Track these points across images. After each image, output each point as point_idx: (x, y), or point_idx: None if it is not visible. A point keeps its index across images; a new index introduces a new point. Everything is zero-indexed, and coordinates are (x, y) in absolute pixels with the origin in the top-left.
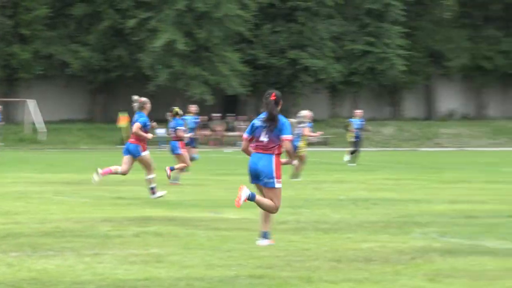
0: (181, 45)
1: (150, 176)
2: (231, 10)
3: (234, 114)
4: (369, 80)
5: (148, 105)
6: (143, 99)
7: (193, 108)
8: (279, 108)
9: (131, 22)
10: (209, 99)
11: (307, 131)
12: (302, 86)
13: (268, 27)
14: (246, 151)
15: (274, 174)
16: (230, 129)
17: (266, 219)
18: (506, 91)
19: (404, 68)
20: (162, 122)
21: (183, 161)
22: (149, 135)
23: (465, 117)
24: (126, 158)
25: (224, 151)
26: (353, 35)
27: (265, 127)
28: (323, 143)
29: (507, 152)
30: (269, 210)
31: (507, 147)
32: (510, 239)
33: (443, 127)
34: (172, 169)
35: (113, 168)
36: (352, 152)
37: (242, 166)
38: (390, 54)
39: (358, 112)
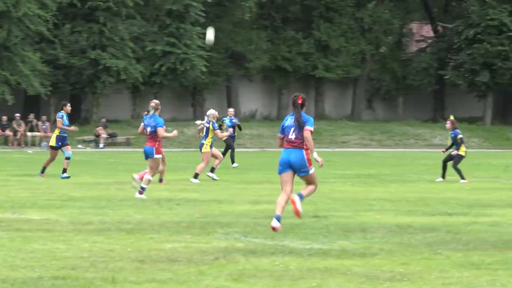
0: None
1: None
2: (31, 9)
3: (35, 114)
4: (170, 80)
5: None
6: None
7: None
8: (304, 109)
9: None
10: (10, 99)
11: (218, 133)
12: (104, 87)
13: (68, 27)
14: (281, 146)
15: (307, 164)
16: (31, 129)
17: (282, 206)
18: (307, 92)
19: (204, 69)
20: None
21: None
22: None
23: (266, 118)
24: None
25: (28, 151)
26: (154, 35)
27: (293, 126)
28: (126, 143)
29: None
30: (312, 193)
31: None
32: (313, 239)
33: (245, 128)
34: None
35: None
36: (224, 152)
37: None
38: (191, 55)
39: (231, 111)
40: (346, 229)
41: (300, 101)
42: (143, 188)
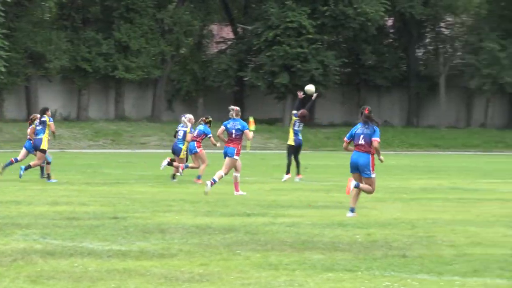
0: None
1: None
2: None
3: None
4: None
5: None
6: None
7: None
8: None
9: None
10: None
11: (189, 136)
12: None
13: None
14: (346, 149)
15: (370, 168)
16: None
17: (355, 199)
18: (107, 93)
19: (3, 69)
20: None
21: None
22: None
23: (66, 119)
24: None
25: None
26: None
27: (362, 133)
28: None
29: (107, 153)
30: (368, 192)
31: (107, 148)
32: (112, 240)
33: None
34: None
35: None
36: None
37: None
38: None
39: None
40: (145, 230)
41: (367, 112)
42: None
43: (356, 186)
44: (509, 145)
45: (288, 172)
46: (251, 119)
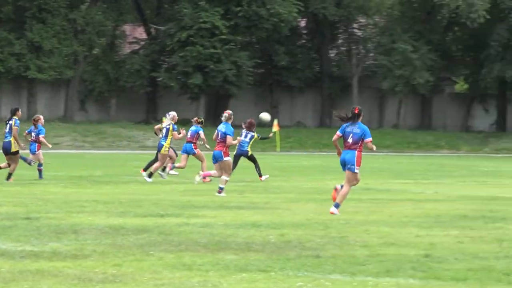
0: None
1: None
2: None
3: None
4: None
5: None
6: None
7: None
8: (360, 118)
9: None
10: None
11: (175, 134)
12: None
13: None
14: (335, 143)
15: (355, 163)
16: None
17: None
18: (19, 93)
19: None
20: None
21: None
22: None
23: None
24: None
25: None
26: None
27: (351, 132)
28: None
29: None
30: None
31: None
32: (25, 240)
33: None
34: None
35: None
36: None
37: None
38: None
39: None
40: (58, 231)
41: (356, 111)
42: (221, 188)
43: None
44: (420, 145)
45: (260, 175)
46: (275, 122)
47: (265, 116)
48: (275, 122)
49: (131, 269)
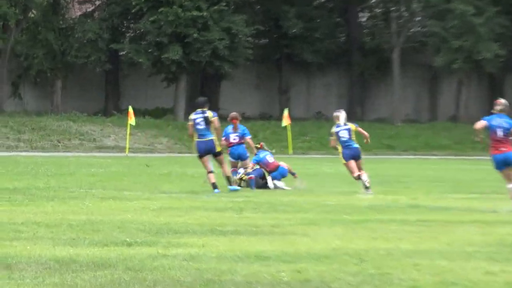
0: None
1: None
2: None
3: None
4: None
5: None
6: None
7: None
8: None
9: None
10: None
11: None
12: None
13: None
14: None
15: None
16: None
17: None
18: None
19: None
20: None
21: None
22: None
23: None
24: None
25: None
26: None
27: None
28: None
29: None
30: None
31: None
32: None
33: None
34: None
35: None
36: None
37: None
38: None
39: None
40: None
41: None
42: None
43: None
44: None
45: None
46: (286, 113)
47: None
48: (285, 113)
49: None
